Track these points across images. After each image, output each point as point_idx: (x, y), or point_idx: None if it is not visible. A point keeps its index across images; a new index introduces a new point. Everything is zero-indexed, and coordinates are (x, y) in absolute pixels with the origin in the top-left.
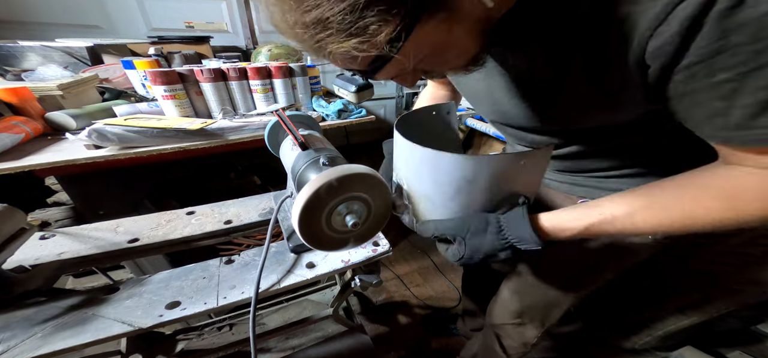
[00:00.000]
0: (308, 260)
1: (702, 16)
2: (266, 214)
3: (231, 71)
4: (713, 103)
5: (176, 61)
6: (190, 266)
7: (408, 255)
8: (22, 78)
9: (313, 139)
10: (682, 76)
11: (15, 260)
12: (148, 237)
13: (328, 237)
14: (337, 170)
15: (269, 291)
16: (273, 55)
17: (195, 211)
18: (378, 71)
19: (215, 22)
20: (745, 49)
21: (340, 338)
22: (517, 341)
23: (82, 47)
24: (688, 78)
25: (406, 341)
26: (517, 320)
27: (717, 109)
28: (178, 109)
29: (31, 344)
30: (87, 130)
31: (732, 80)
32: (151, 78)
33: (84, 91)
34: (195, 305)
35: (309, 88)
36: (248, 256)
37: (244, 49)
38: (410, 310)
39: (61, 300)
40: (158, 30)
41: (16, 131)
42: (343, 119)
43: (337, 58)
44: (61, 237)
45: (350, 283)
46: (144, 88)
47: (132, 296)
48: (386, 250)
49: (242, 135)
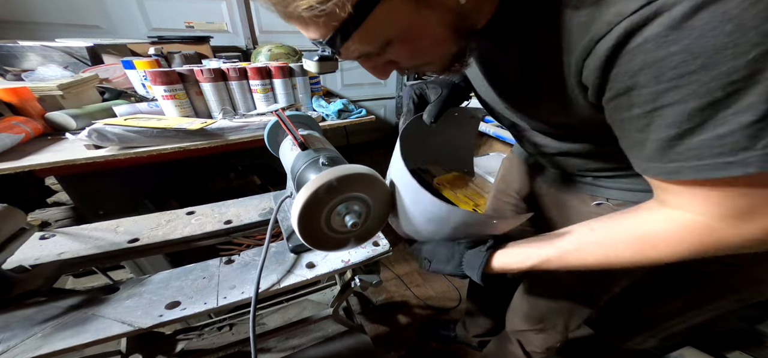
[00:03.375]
0: (308, 260)
1: (615, 55)
2: (266, 214)
3: (231, 71)
4: (632, 134)
5: (176, 61)
6: (190, 266)
7: (408, 255)
8: (22, 78)
9: (312, 139)
10: (610, 106)
11: (15, 260)
12: (148, 237)
13: (328, 237)
14: (336, 170)
15: (269, 291)
16: (273, 55)
17: (195, 211)
18: (343, 42)
19: (215, 22)
20: (647, 90)
21: (340, 338)
22: (540, 347)
23: (82, 47)
24: (614, 109)
25: (406, 341)
26: (539, 326)
27: (636, 141)
28: (178, 109)
29: (31, 344)
30: (87, 130)
31: (643, 116)
32: (151, 78)
33: (84, 91)
34: (195, 305)
35: (309, 88)
36: (248, 256)
37: (244, 49)
38: (410, 310)
39: (61, 300)
40: (158, 30)
41: (16, 131)
42: (343, 119)
43: (301, 18)
44: (61, 237)
45: (350, 283)
46: (144, 88)
47: (132, 296)
48: (386, 250)
49: (242, 135)
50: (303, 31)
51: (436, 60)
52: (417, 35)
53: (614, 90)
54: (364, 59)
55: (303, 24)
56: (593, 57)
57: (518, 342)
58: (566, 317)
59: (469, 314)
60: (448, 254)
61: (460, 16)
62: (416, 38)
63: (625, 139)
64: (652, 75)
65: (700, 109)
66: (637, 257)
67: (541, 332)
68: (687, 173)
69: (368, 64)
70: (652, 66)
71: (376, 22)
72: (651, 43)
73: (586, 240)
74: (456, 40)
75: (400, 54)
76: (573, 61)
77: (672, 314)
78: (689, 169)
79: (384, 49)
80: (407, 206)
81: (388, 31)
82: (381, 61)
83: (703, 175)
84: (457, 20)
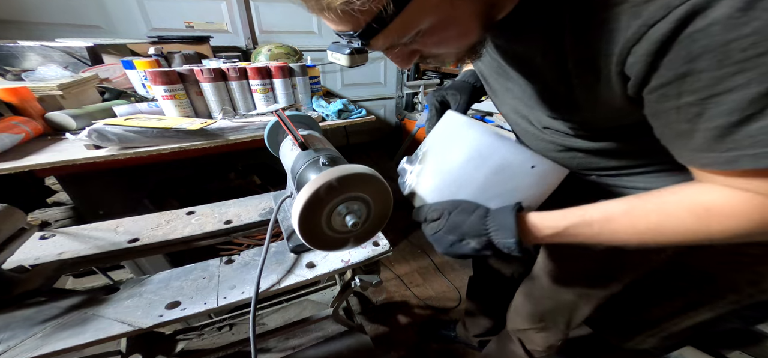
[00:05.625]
0: (308, 260)
1: (671, 39)
2: (266, 214)
3: (231, 71)
4: (679, 124)
5: (176, 61)
6: (190, 266)
7: (408, 255)
8: (22, 78)
9: (312, 139)
10: (654, 96)
11: (15, 260)
12: (148, 237)
13: (328, 237)
14: (336, 170)
15: (269, 291)
16: (273, 55)
17: (195, 211)
18: (375, 34)
19: (215, 22)
20: (708, 75)
21: (340, 338)
22: (541, 346)
23: (82, 47)
24: (659, 98)
25: (406, 341)
26: (540, 325)
27: (682, 131)
28: (178, 109)
29: (31, 344)
30: (87, 130)
31: (695, 104)
32: (151, 78)
33: (84, 91)
34: (195, 305)
35: (309, 88)
36: (248, 256)
37: (244, 49)
38: (410, 310)
39: (61, 300)
40: (158, 30)
41: (16, 131)
42: (343, 119)
43: (336, 11)
44: (61, 237)
45: (350, 283)
46: (144, 88)
47: (132, 296)
48: (386, 250)
49: (242, 135)
50: (333, 24)
51: (456, 50)
52: (448, 25)
53: (663, 78)
54: (389, 49)
55: (336, 17)
56: (644, 43)
57: (519, 341)
58: (568, 315)
59: (469, 313)
60: (472, 206)
61: (489, 5)
62: (446, 28)
63: (667, 129)
64: (714, 59)
65: (764, 94)
66: (696, 228)
67: (543, 331)
68: (746, 162)
69: (394, 54)
70: (717, 50)
71: (412, 13)
72: (718, 25)
73: (638, 204)
74: (480, 31)
75: (428, 43)
76: (616, 49)
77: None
78: (749, 157)
79: (413, 39)
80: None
81: (421, 22)
82: (406, 51)
83: (762, 163)
84: (485, 9)
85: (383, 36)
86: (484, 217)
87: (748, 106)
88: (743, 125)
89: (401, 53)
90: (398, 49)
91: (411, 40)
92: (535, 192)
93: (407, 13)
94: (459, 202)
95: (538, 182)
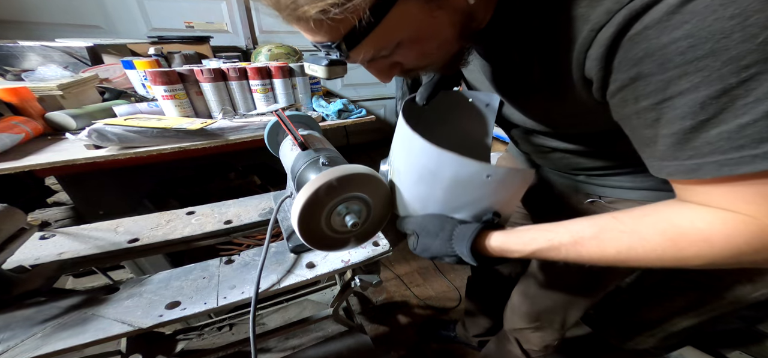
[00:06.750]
0: (308, 260)
1: (616, 43)
2: (266, 214)
3: (231, 71)
4: (643, 130)
5: (176, 61)
6: (190, 266)
7: (408, 255)
8: (22, 78)
9: (312, 139)
10: (616, 100)
11: (15, 260)
12: (148, 237)
13: (328, 237)
14: (336, 170)
15: (269, 291)
16: (273, 55)
17: (195, 211)
18: (354, 46)
19: (215, 22)
20: (656, 79)
21: (340, 338)
22: (538, 346)
23: (82, 47)
24: (620, 102)
25: (406, 341)
26: (536, 324)
27: (647, 138)
28: (178, 109)
29: (31, 344)
30: (87, 130)
31: (651, 109)
32: (151, 78)
33: (84, 91)
34: (195, 305)
35: (309, 89)
36: (248, 256)
37: (244, 49)
38: (410, 310)
39: (61, 300)
40: (158, 30)
41: (16, 131)
42: (343, 119)
43: (312, 22)
44: (61, 237)
45: (350, 283)
46: (144, 88)
47: (132, 296)
48: (386, 250)
49: (242, 135)
50: (308, 34)
51: (438, 61)
52: (427, 36)
53: (619, 82)
54: (370, 62)
55: (310, 27)
56: (595, 47)
57: (516, 341)
58: (563, 315)
59: (469, 313)
60: (438, 226)
61: (468, 16)
62: (426, 40)
63: (635, 136)
64: (656, 63)
65: (714, 97)
66: (671, 254)
67: (538, 330)
68: (709, 169)
69: (374, 66)
70: (656, 53)
71: (391, 25)
72: (652, 29)
73: (609, 226)
74: (460, 41)
75: (408, 56)
76: (575, 54)
77: (672, 314)
78: (711, 165)
79: (393, 51)
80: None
81: (400, 33)
82: (387, 64)
83: (725, 171)
84: (464, 21)
85: (362, 47)
86: (449, 239)
87: (700, 111)
88: (701, 131)
89: (381, 65)
90: (378, 61)
91: (390, 51)
92: (503, 197)
93: (386, 24)
94: (426, 221)
95: (501, 188)
